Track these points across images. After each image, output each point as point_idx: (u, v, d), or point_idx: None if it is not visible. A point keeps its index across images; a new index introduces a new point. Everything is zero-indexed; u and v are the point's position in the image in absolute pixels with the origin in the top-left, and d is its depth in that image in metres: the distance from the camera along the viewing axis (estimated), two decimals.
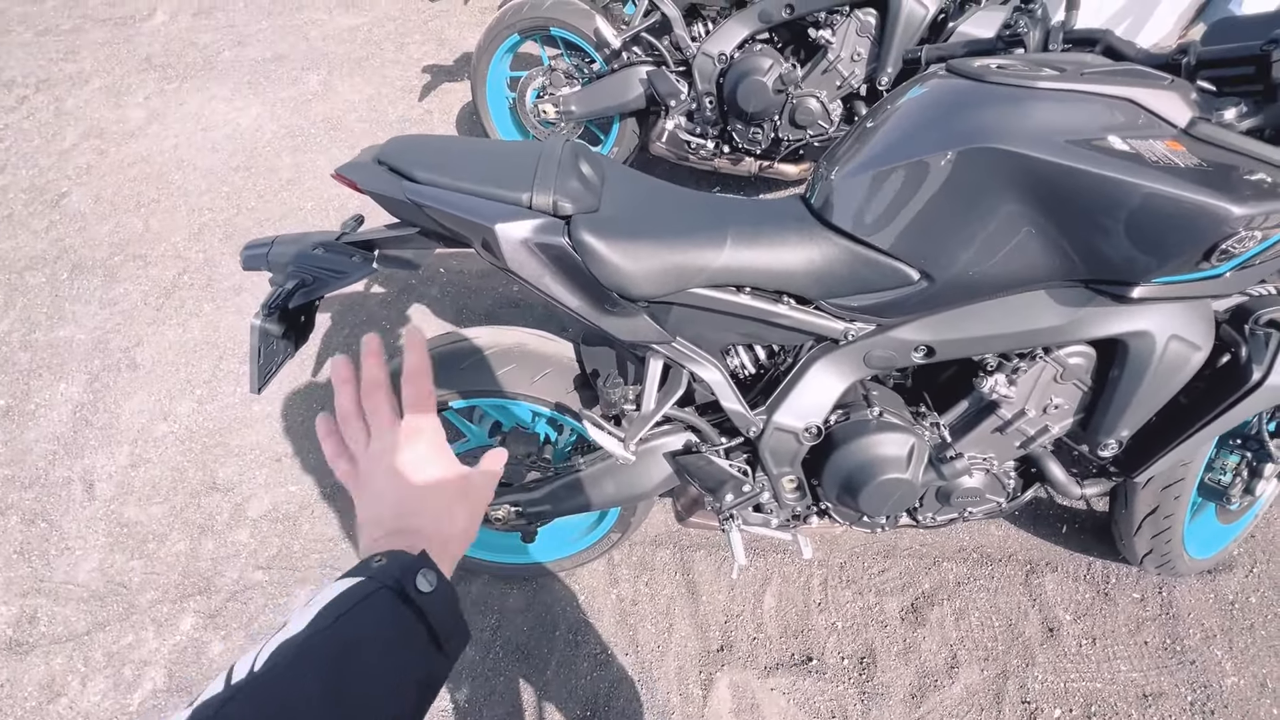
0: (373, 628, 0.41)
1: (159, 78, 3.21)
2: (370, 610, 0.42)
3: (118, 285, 2.30)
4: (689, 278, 0.96)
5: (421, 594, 0.43)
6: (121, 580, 1.63)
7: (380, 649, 0.41)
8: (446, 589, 0.45)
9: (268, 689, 0.37)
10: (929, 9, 1.76)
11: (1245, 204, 0.77)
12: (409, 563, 0.45)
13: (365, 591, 0.42)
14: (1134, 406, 1.00)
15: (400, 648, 0.42)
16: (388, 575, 0.43)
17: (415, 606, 0.43)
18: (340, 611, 0.41)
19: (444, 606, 0.44)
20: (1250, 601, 1.49)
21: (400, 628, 0.42)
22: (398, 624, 0.42)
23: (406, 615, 0.42)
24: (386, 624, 0.42)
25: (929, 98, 0.93)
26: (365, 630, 0.41)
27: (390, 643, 0.41)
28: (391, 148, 0.98)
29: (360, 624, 0.41)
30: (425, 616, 0.43)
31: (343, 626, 0.40)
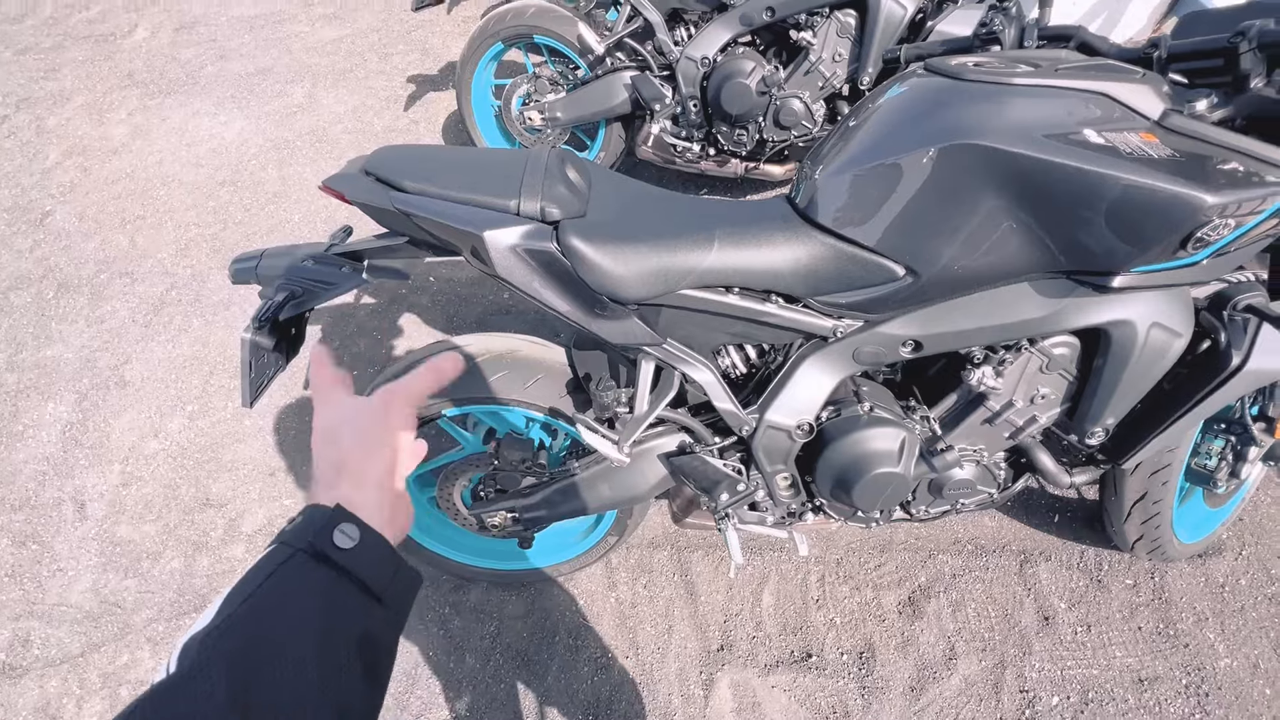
0: (286, 600, 0.38)
1: (142, 94, 3.19)
2: (283, 581, 0.39)
3: (105, 303, 2.28)
4: (677, 279, 0.96)
5: (341, 550, 0.40)
6: (115, 600, 1.62)
7: (296, 622, 0.38)
8: (372, 538, 0.42)
9: (170, 696, 0.34)
10: (907, 9, 1.78)
11: (1218, 193, 0.79)
12: (321, 520, 0.41)
13: (277, 561, 0.39)
14: (1119, 394, 1.01)
15: (322, 614, 0.38)
16: (300, 538, 0.40)
17: (335, 565, 0.40)
18: (249, 590, 0.38)
19: (372, 557, 0.41)
20: (1240, 584, 1.51)
21: (320, 592, 0.39)
22: (316, 589, 0.39)
23: (326, 576, 0.39)
24: (302, 591, 0.39)
25: (908, 97, 0.95)
26: (278, 605, 0.38)
27: (308, 611, 0.38)
28: (378, 158, 0.98)
29: (272, 600, 0.38)
30: (350, 572, 0.40)
31: (253, 608, 0.37)
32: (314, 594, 0.39)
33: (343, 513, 0.42)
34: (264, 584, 0.38)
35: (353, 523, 0.42)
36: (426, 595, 1.58)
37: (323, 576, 0.39)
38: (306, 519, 0.42)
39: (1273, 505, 1.63)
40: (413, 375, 0.52)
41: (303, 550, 0.40)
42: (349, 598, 0.40)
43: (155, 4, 3.80)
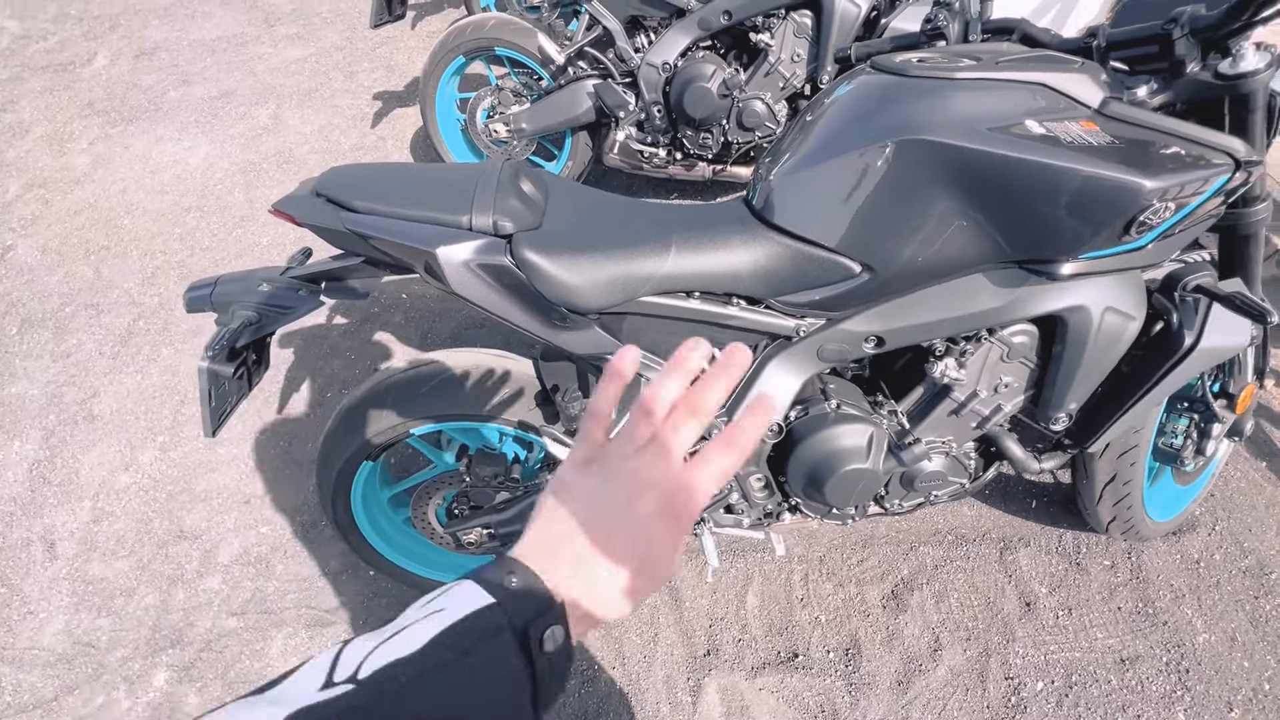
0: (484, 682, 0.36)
1: (103, 122, 3.15)
2: (490, 651, 0.36)
3: (70, 336, 2.24)
4: (636, 287, 0.96)
5: (544, 652, 0.37)
6: (89, 640, 1.58)
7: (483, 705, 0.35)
8: (567, 653, 0.39)
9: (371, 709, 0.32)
10: (861, 7, 1.81)
11: (1157, 178, 0.80)
12: (544, 610, 0.38)
13: (491, 628, 0.36)
14: (1079, 379, 1.02)
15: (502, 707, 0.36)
16: (519, 613, 0.37)
17: (533, 667, 0.37)
18: (462, 648, 0.35)
19: (559, 669, 0.38)
20: (1215, 559, 1.53)
21: (512, 683, 0.36)
22: (511, 679, 0.36)
23: (520, 671, 0.37)
24: (501, 677, 0.36)
25: (854, 95, 0.96)
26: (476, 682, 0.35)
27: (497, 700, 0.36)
28: (328, 179, 0.97)
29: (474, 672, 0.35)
30: (536, 676, 0.37)
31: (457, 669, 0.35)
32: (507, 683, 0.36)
33: (562, 613, 0.38)
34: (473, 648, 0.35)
35: (565, 629, 0.38)
36: None
37: (518, 670, 0.36)
38: (529, 597, 0.38)
39: (1242, 480, 1.66)
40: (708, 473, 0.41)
41: (514, 630, 0.36)
42: (521, 697, 0.37)
43: (114, 31, 3.76)
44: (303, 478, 1.83)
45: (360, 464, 1.24)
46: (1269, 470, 1.68)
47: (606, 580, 0.40)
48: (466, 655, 0.35)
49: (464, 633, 0.36)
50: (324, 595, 1.62)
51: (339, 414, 1.22)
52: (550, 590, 0.39)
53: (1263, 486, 1.65)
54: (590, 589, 0.40)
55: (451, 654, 0.35)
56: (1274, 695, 1.35)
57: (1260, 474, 1.68)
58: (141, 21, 3.84)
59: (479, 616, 0.36)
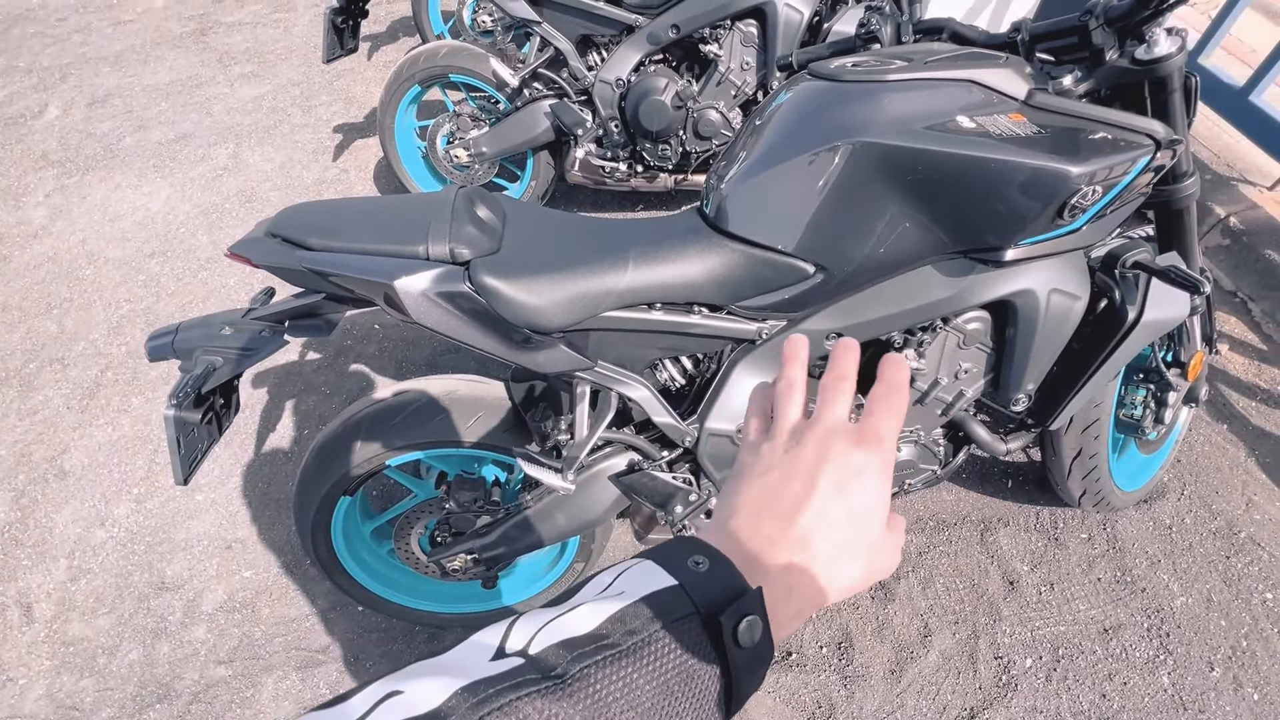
0: (667, 672, 0.31)
1: (58, 173, 3.10)
2: (672, 645, 0.31)
3: (36, 393, 2.20)
4: (597, 303, 0.98)
5: (739, 648, 0.32)
6: (72, 703, 1.54)
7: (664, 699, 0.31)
8: (766, 644, 0.33)
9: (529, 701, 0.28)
10: (804, 14, 1.85)
11: (1083, 163, 0.83)
12: (738, 595, 0.33)
13: (676, 614, 0.32)
14: (1033, 359, 1.06)
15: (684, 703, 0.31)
16: (706, 599, 0.33)
17: (725, 659, 0.32)
18: (637, 630, 0.31)
19: (755, 666, 0.33)
20: (1186, 523, 1.58)
21: (698, 678, 0.32)
22: (697, 673, 0.32)
23: (709, 665, 0.32)
24: (686, 669, 0.31)
25: (794, 102, 0.99)
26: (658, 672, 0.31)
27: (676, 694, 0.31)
28: (282, 219, 0.98)
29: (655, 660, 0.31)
30: (729, 672, 0.32)
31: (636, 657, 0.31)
32: (688, 681, 0.31)
33: (759, 601, 0.33)
34: (654, 629, 0.31)
35: (763, 620, 0.33)
36: (399, 650, 1.55)
37: (706, 666, 0.32)
38: (720, 578, 0.33)
39: (1205, 444, 1.71)
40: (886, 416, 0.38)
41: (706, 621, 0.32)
42: (708, 699, 0.32)
43: (65, 81, 3.72)
44: (284, 518, 1.81)
45: (338, 499, 1.24)
46: (1230, 432, 1.74)
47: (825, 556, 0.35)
48: (646, 641, 0.31)
49: (643, 615, 0.32)
50: (313, 635, 1.60)
51: (313, 451, 1.21)
52: (742, 575, 0.34)
53: (1225, 449, 1.71)
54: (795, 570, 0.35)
55: (630, 638, 0.31)
56: (1252, 651, 1.39)
57: (1222, 437, 1.73)
58: (92, 70, 3.80)
59: (660, 599, 0.32)
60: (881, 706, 1.38)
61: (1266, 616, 1.44)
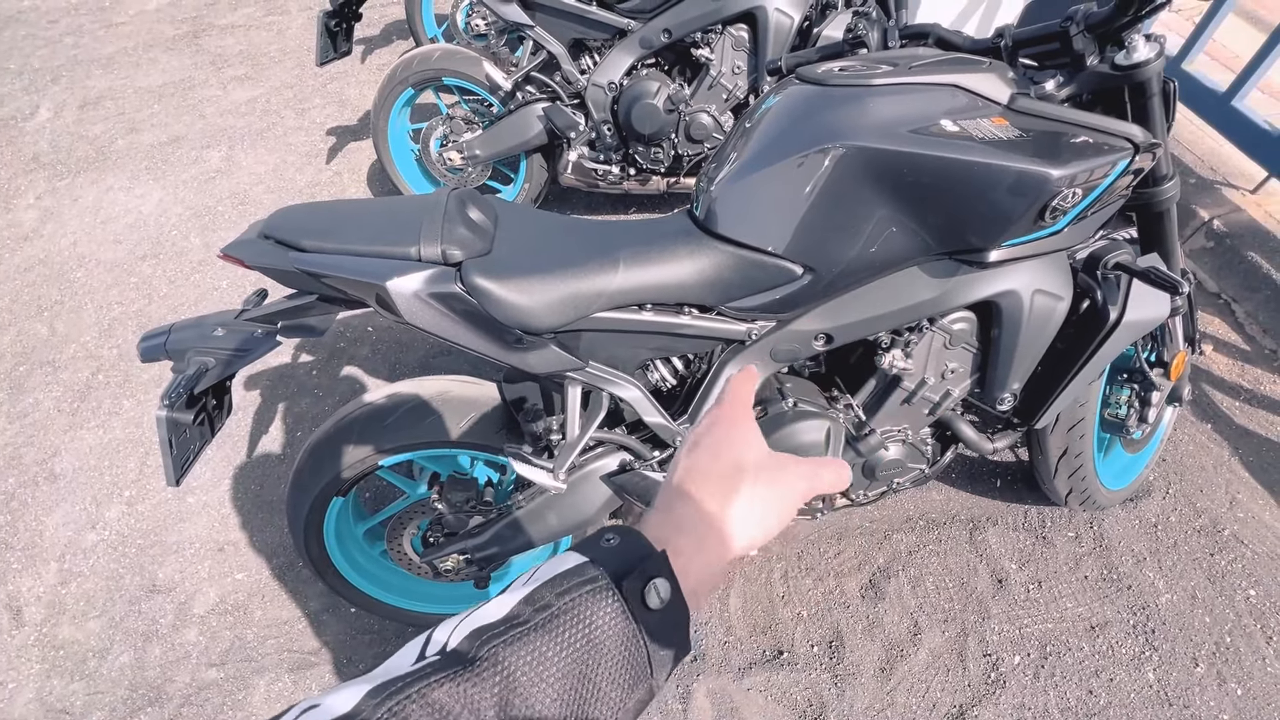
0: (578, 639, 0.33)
1: (49, 175, 3.09)
2: (581, 608, 0.33)
3: (26, 396, 2.19)
4: (588, 304, 0.99)
5: (647, 609, 0.34)
6: (63, 707, 1.54)
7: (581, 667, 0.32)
8: (678, 606, 0.35)
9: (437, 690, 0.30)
10: (794, 18, 1.87)
11: (1063, 166, 0.85)
12: (642, 559, 0.35)
13: (583, 580, 0.34)
14: (1018, 359, 1.07)
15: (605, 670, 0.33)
16: (614, 566, 0.34)
17: (635, 620, 0.34)
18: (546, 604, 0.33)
19: (669, 626, 0.35)
20: (1171, 520, 1.60)
21: (611, 646, 0.33)
22: (609, 639, 0.33)
23: (623, 625, 0.34)
24: (595, 636, 0.33)
25: (782, 106, 1.00)
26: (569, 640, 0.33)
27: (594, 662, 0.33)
28: (275, 220, 0.98)
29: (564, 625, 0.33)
30: (644, 637, 0.34)
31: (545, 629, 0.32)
32: (602, 646, 0.33)
33: (666, 565, 0.35)
34: (563, 601, 0.33)
35: (670, 582, 0.35)
36: (392, 651, 1.53)
37: (619, 628, 0.33)
38: (628, 549, 0.36)
39: (1190, 443, 1.74)
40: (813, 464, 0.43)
41: (613, 586, 0.34)
42: (630, 665, 0.34)
43: (56, 83, 3.71)
44: (277, 520, 1.80)
45: (331, 500, 1.24)
46: (1214, 431, 1.76)
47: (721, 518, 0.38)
48: (554, 615, 0.33)
49: (551, 591, 0.34)
50: (305, 637, 1.60)
51: (305, 452, 1.22)
52: (649, 542, 0.36)
53: (1209, 448, 1.73)
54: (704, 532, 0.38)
55: (539, 614, 0.33)
56: (1235, 647, 1.41)
57: (1206, 436, 1.76)
58: (84, 72, 3.78)
59: (569, 575, 0.34)
60: (872, 704, 1.39)
61: (1249, 612, 1.46)
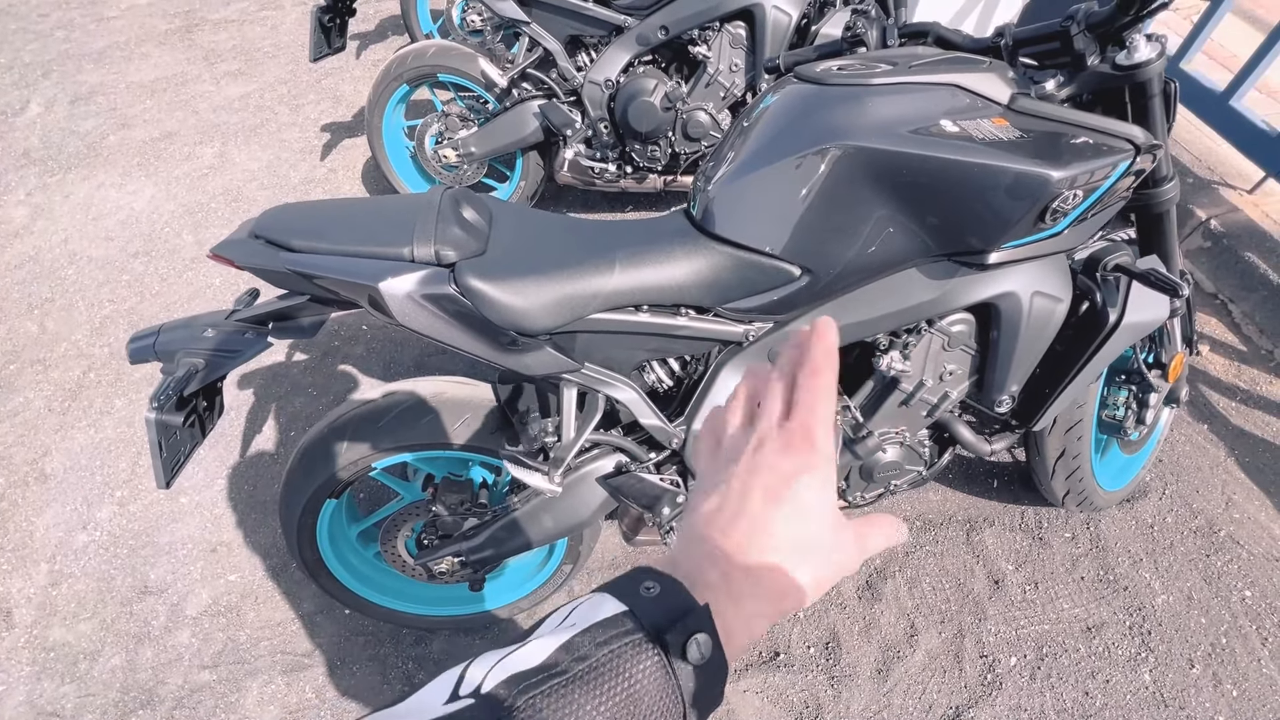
0: (618, 696, 0.32)
1: (40, 171, 3.06)
2: (623, 667, 0.32)
3: (16, 395, 2.16)
4: (583, 305, 0.98)
5: (688, 665, 0.33)
6: (53, 709, 1.52)
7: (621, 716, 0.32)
8: (719, 663, 0.34)
9: None
10: (792, 16, 1.86)
11: (1064, 167, 0.84)
12: (684, 614, 0.34)
13: (624, 633, 0.33)
14: (1016, 361, 1.06)
15: None
16: (653, 621, 0.33)
17: (677, 679, 0.33)
18: (586, 656, 0.32)
19: (709, 681, 0.34)
20: (1167, 521, 1.60)
21: (652, 695, 0.32)
22: (648, 698, 0.32)
23: (661, 681, 0.33)
24: (638, 688, 0.32)
25: (780, 105, 0.99)
26: (608, 696, 0.32)
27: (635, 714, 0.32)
28: (265, 220, 0.97)
29: (605, 684, 0.32)
30: (683, 694, 0.33)
31: (585, 682, 0.31)
32: (641, 704, 0.32)
33: (709, 621, 0.34)
34: (603, 653, 0.32)
35: (711, 638, 0.34)
36: (386, 653, 1.54)
37: (658, 687, 0.32)
38: (669, 600, 0.34)
39: (1186, 444, 1.74)
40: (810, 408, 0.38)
41: (654, 641, 0.33)
42: (670, 712, 0.33)
43: (47, 78, 3.67)
44: (270, 521, 1.79)
45: (324, 502, 1.23)
46: (1210, 433, 1.76)
47: (769, 565, 0.36)
48: (593, 667, 0.32)
49: (591, 641, 0.33)
50: (299, 639, 1.59)
51: (298, 453, 1.21)
52: (691, 594, 0.35)
53: (1206, 449, 1.73)
54: (741, 581, 0.36)
55: (578, 665, 0.32)
56: (1231, 649, 1.41)
57: (1203, 437, 1.76)
58: (75, 66, 3.75)
59: (609, 624, 0.33)
60: (868, 706, 1.39)
61: (1245, 614, 1.46)
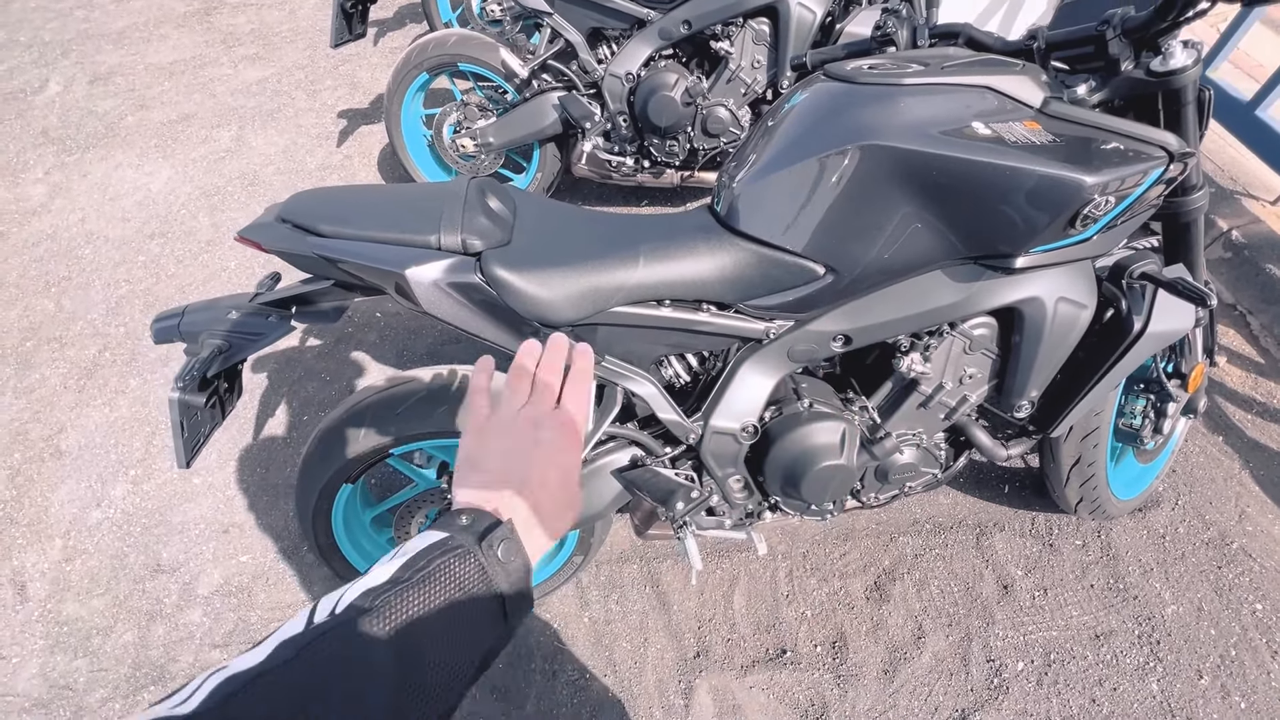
0: (450, 590, 0.41)
1: (58, 150, 3.08)
2: (449, 570, 0.42)
3: (33, 371, 2.18)
4: (606, 298, 0.98)
5: (499, 561, 0.44)
6: (66, 683, 1.54)
7: (454, 613, 0.41)
8: (523, 561, 0.46)
9: (344, 638, 0.37)
10: (816, 14, 1.85)
11: (1096, 173, 0.84)
12: (494, 528, 0.45)
13: (448, 547, 0.43)
14: (1038, 367, 1.06)
15: (471, 615, 0.42)
16: (470, 536, 0.44)
17: (490, 577, 0.43)
18: (421, 568, 0.41)
19: (516, 578, 0.45)
20: (1179, 532, 1.59)
21: (475, 595, 0.42)
22: (473, 590, 0.42)
23: (483, 583, 0.43)
24: (463, 587, 0.42)
25: (810, 103, 0.99)
26: (443, 591, 0.41)
27: (463, 608, 0.41)
28: (294, 204, 0.97)
29: (438, 584, 0.41)
30: (498, 586, 0.43)
31: (422, 583, 0.41)
32: (468, 595, 0.42)
33: (510, 529, 0.46)
34: (433, 565, 0.41)
35: (513, 541, 0.45)
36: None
37: (479, 582, 0.43)
38: (481, 523, 0.45)
39: (1201, 455, 1.73)
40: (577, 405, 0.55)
41: (471, 552, 0.43)
42: (489, 608, 0.43)
43: (66, 57, 3.68)
44: (282, 503, 1.80)
45: (340, 486, 1.24)
46: (1225, 444, 1.76)
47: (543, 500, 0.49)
48: (431, 573, 0.41)
49: (424, 558, 0.42)
50: None
51: (316, 437, 1.21)
52: (494, 516, 0.46)
53: (1220, 460, 1.72)
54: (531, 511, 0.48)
55: (416, 574, 0.41)
56: (1240, 661, 1.41)
57: (1218, 448, 1.75)
58: (94, 46, 3.76)
59: (437, 545, 0.43)
60: (874, 706, 1.39)
61: (1255, 627, 1.45)
